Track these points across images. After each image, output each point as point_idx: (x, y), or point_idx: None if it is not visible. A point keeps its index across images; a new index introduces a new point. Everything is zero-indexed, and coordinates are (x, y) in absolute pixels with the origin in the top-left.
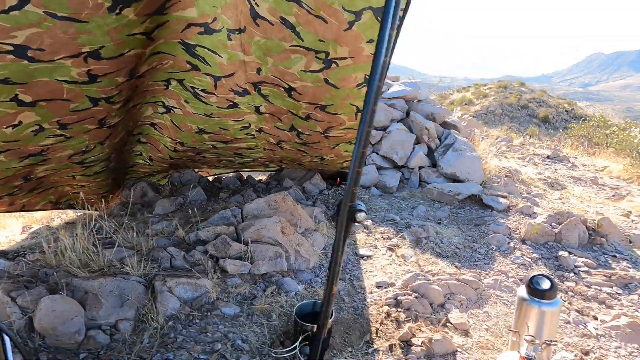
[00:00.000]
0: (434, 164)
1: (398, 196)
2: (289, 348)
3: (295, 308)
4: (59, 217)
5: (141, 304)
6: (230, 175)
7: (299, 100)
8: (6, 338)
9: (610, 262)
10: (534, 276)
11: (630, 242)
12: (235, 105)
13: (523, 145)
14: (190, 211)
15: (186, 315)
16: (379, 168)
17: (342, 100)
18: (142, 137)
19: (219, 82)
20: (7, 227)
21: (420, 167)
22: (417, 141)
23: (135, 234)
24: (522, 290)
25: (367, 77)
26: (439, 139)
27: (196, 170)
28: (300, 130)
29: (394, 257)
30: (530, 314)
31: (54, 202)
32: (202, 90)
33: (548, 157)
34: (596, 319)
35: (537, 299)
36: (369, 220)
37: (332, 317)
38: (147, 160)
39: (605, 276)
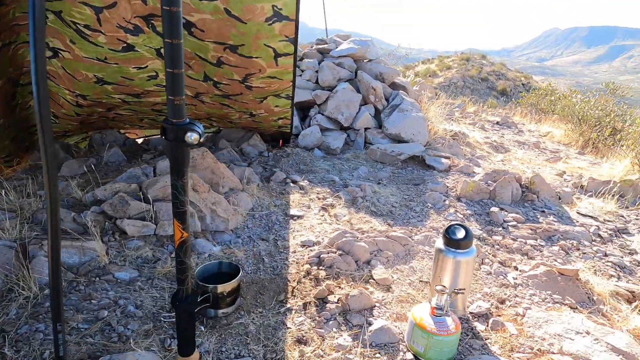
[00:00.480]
0: (379, 125)
1: (342, 158)
2: None
3: (197, 268)
4: None
5: (9, 271)
6: (157, 136)
7: (203, 39)
8: None
9: (538, 217)
10: (449, 226)
11: (559, 198)
12: (130, 47)
13: (477, 113)
14: (103, 174)
15: (68, 283)
16: (323, 130)
17: (254, 39)
18: None
19: (102, 16)
20: None
21: (366, 129)
22: (364, 102)
23: (22, 196)
24: (439, 242)
25: (276, 9)
26: (387, 100)
27: (121, 131)
28: (215, 79)
29: (326, 216)
30: (446, 265)
31: None
32: (86, 27)
33: (497, 123)
34: (517, 269)
35: (452, 249)
36: (306, 181)
37: (240, 275)
38: (52, 117)
39: (531, 229)
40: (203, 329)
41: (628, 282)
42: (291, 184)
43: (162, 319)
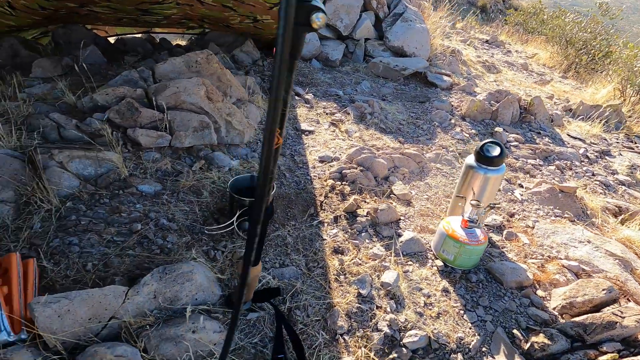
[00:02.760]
0: (380, 36)
1: (341, 70)
2: (226, 223)
3: (229, 182)
4: None
5: (21, 182)
6: (138, 35)
7: None
8: None
9: (535, 137)
10: (484, 143)
11: (552, 120)
12: None
13: (465, 29)
14: (85, 78)
15: (90, 195)
16: (321, 38)
17: None
18: None
19: None
20: None
21: (366, 39)
22: (365, 8)
23: (3, 99)
24: (470, 158)
25: None
26: (388, 7)
27: (89, 26)
28: None
29: (337, 132)
30: (475, 180)
31: None
32: None
33: (487, 41)
34: (522, 186)
35: (484, 166)
36: (310, 95)
37: (273, 191)
38: (7, 8)
39: (531, 150)
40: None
41: (613, 199)
42: (296, 97)
43: (205, 231)
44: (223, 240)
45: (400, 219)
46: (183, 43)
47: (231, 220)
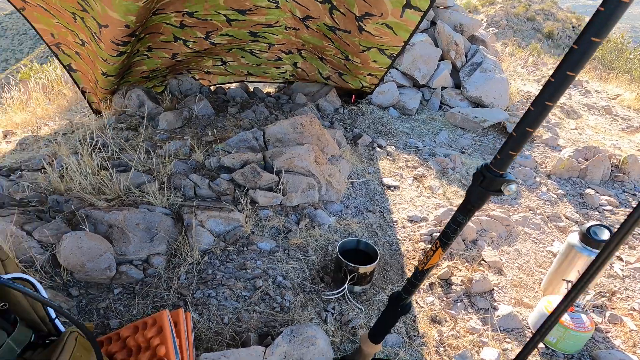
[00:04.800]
0: (456, 85)
1: (418, 119)
2: (340, 290)
3: (338, 245)
4: (45, 124)
5: (171, 238)
6: (233, 86)
7: None
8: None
9: (630, 200)
10: (591, 226)
11: None
12: None
13: (536, 65)
14: (200, 129)
15: (221, 250)
16: (398, 87)
17: None
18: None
19: None
20: None
21: (442, 88)
22: (442, 57)
23: (146, 154)
24: (573, 237)
25: None
26: (465, 55)
27: (196, 77)
28: (335, 3)
29: (422, 188)
30: (579, 261)
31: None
32: None
33: None
34: (621, 260)
35: (589, 248)
36: (392, 147)
37: (379, 258)
38: (145, 53)
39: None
40: (349, 304)
41: None
42: (378, 149)
43: (323, 296)
44: (331, 302)
45: (493, 289)
46: (272, 91)
47: (344, 287)
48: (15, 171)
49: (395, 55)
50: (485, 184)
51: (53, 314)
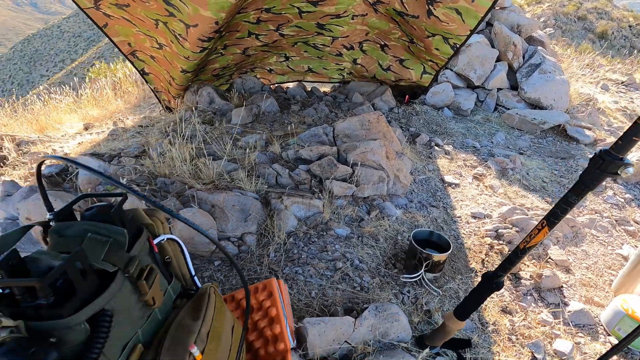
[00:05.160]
0: (513, 86)
1: (473, 119)
2: (417, 274)
3: (412, 234)
4: (125, 118)
5: (261, 219)
6: (292, 85)
7: None
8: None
9: None
10: None
11: None
12: None
13: (592, 67)
14: (269, 124)
15: (304, 233)
16: (453, 87)
17: None
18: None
19: None
20: (63, 122)
21: (498, 89)
22: (499, 58)
23: (230, 146)
24: None
25: None
26: (523, 56)
27: (258, 77)
28: None
29: (482, 187)
30: None
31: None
32: None
33: (622, 83)
34: None
35: None
36: (450, 146)
37: (452, 248)
38: (220, 50)
39: None
40: (423, 289)
41: None
42: (436, 148)
43: (402, 279)
44: (406, 285)
45: (562, 286)
46: (328, 90)
47: (420, 272)
48: (115, 157)
49: (458, 46)
50: (603, 167)
51: (193, 271)
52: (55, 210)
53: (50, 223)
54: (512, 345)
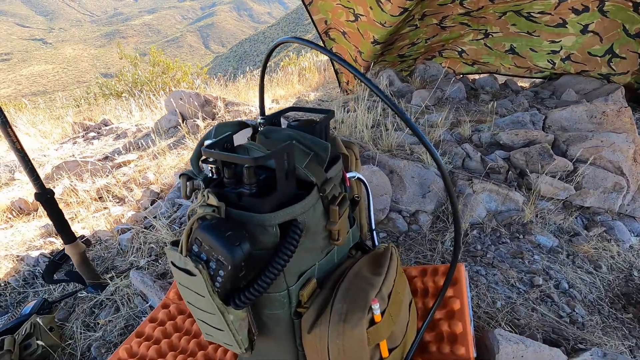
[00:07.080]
0: None
1: None
2: None
3: None
4: (302, 95)
5: (441, 200)
6: (481, 76)
7: None
8: None
9: None
10: None
11: None
12: None
13: None
14: (453, 110)
15: (492, 230)
16: None
17: None
18: None
19: None
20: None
21: None
22: None
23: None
24: None
25: None
26: None
27: (443, 65)
28: None
29: None
30: None
31: None
32: None
33: None
34: None
35: None
36: None
37: None
38: (416, 23)
39: None
40: None
41: None
42: None
43: None
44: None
45: None
46: (526, 85)
47: None
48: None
49: None
50: None
51: (374, 224)
52: (266, 115)
53: (260, 128)
54: None
